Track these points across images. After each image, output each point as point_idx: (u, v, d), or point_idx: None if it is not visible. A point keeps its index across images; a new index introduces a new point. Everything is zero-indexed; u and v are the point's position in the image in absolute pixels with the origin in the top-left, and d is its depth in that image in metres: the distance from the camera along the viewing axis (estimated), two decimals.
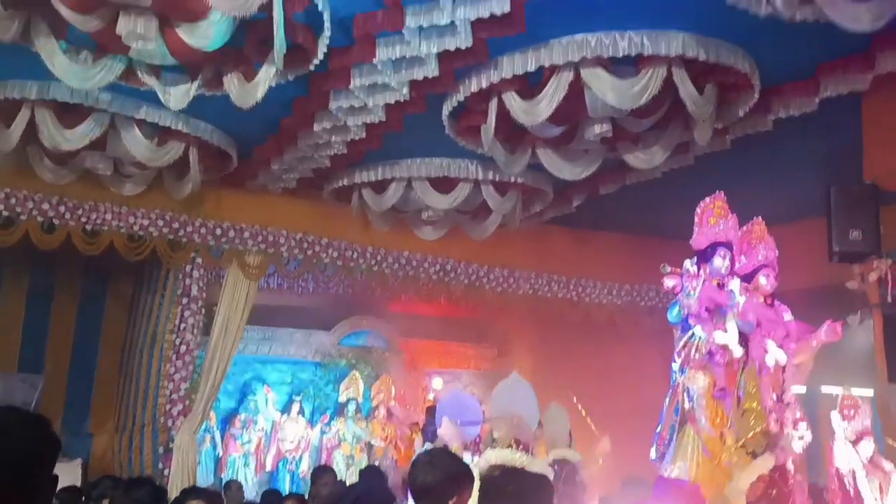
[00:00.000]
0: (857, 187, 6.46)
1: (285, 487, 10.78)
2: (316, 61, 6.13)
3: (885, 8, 4.82)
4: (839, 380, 7.55)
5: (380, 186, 8.97)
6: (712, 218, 5.22)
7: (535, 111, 6.37)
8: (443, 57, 6.08)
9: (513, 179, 8.61)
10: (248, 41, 5.97)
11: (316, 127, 7.41)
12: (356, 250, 10.04)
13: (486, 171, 8.52)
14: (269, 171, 8.79)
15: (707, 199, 5.31)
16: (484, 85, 6.45)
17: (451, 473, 2.97)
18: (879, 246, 6.38)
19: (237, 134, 8.24)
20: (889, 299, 6.46)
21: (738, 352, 5.11)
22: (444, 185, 8.76)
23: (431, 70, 6.21)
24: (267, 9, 5.28)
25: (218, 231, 9.36)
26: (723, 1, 5.13)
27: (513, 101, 6.47)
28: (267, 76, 5.98)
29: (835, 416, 5.94)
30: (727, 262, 5.21)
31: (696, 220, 5.33)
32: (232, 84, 6.28)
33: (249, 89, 6.14)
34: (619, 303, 11.37)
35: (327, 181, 9.24)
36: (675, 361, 5.36)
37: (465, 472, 3.05)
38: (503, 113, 6.63)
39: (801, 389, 5.79)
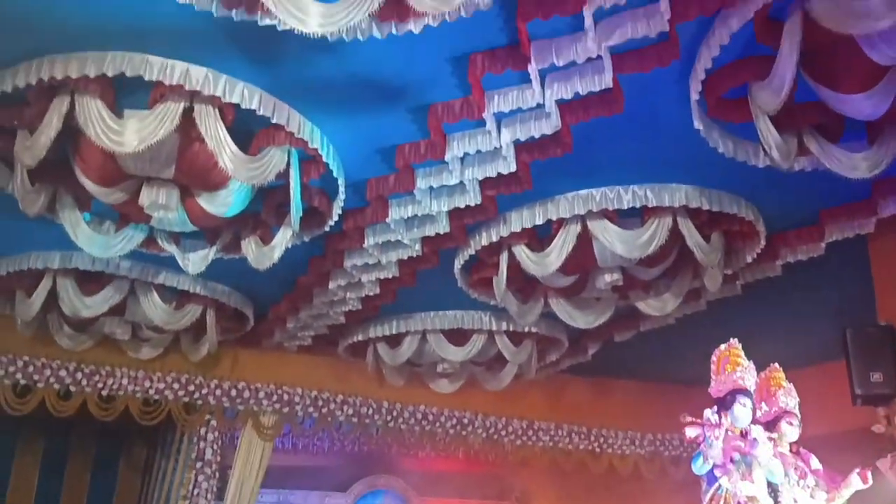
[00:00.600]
0: (872, 329, 6.42)
1: None
2: (331, 223, 6.32)
3: (882, 155, 4.94)
4: None
5: (394, 340, 8.99)
6: (728, 365, 5.16)
7: (546, 263, 6.46)
8: (453, 214, 6.25)
9: (527, 329, 8.62)
10: (266, 206, 6.16)
11: (331, 284, 7.52)
12: (371, 406, 9.93)
13: (500, 321, 8.55)
14: (285, 329, 8.84)
15: (722, 347, 5.28)
16: (494, 239, 6.59)
17: None
18: None
19: (253, 294, 8.36)
20: None
21: (767, 503, 4.94)
22: (458, 337, 8.78)
23: (442, 227, 6.37)
24: (284, 176, 5.49)
25: (233, 392, 9.32)
26: (722, 154, 5.30)
27: (523, 253, 6.59)
28: (284, 239, 6.12)
29: None
30: (748, 409, 5.12)
31: (713, 367, 5.28)
32: (249, 247, 6.42)
33: (266, 252, 6.26)
34: (643, 453, 11.06)
35: (342, 337, 9.26)
36: None
37: None
38: (514, 265, 6.74)
39: None
